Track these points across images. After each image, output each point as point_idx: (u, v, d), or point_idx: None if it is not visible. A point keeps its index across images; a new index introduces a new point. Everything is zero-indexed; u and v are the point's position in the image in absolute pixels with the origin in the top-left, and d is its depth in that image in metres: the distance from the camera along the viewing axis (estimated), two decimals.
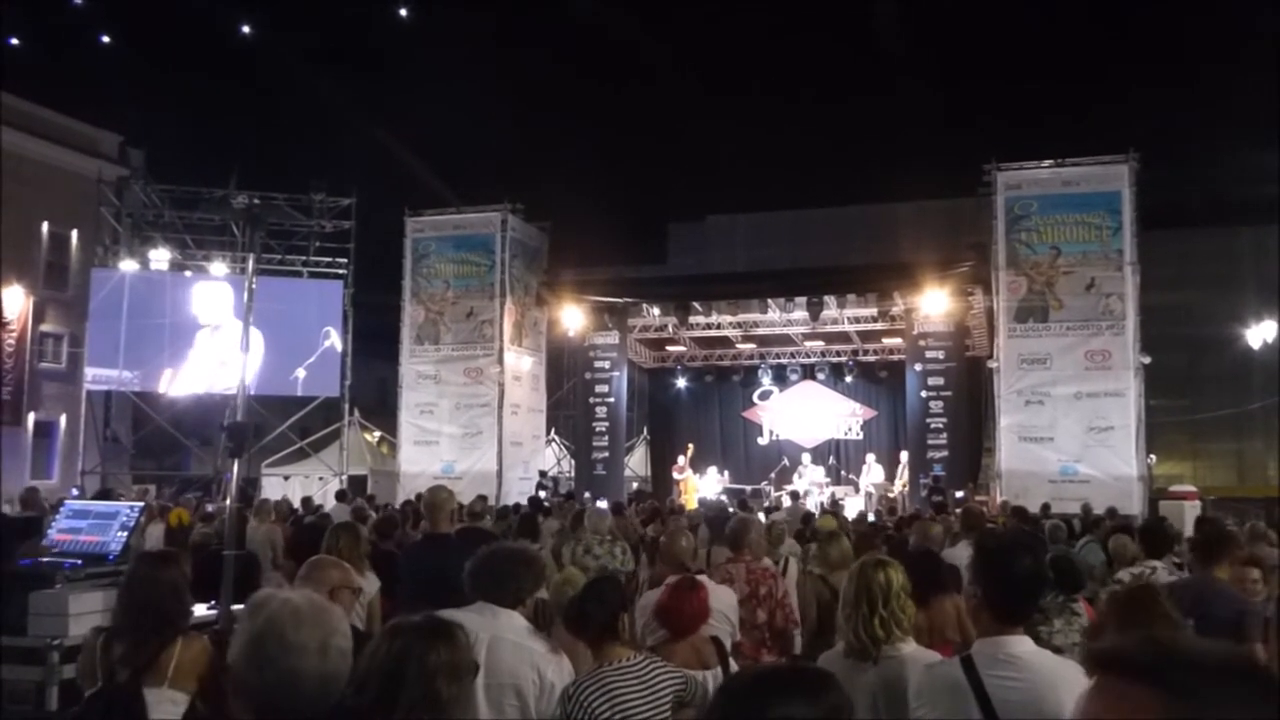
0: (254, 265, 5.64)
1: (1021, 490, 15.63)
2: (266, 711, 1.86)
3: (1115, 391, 16.40)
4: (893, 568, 3.62)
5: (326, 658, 1.86)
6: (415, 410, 20.30)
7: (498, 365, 19.94)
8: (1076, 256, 16.96)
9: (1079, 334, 16.73)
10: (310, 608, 1.91)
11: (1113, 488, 15.51)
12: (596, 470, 21.32)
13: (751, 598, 5.47)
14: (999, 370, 17.00)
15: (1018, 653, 2.80)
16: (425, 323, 20.51)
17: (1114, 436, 16.28)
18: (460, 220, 20.88)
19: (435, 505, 5.88)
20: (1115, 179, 17.01)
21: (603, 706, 3.25)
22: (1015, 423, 16.78)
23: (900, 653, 3.46)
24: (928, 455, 18.66)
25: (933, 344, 19.08)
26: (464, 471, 19.37)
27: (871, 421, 23.62)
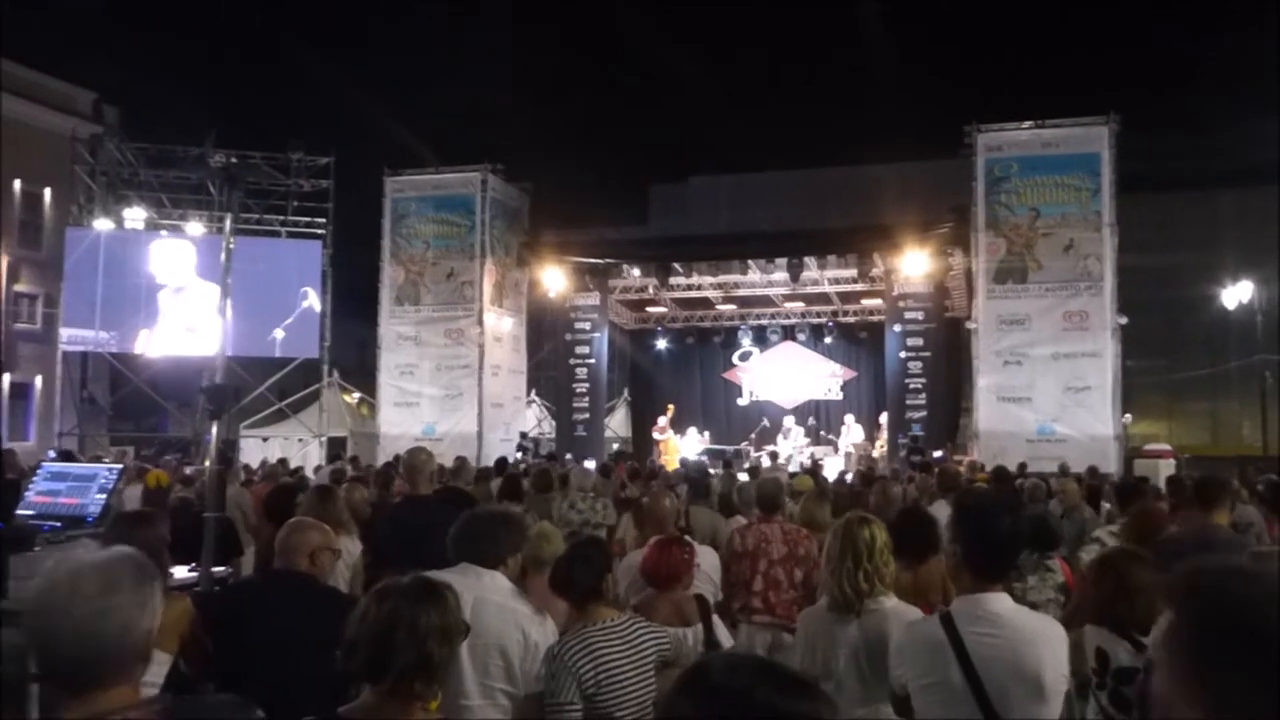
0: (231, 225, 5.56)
1: (999, 450, 15.76)
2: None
3: (1092, 352, 16.52)
4: (876, 525, 3.68)
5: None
6: (395, 371, 20.24)
7: (478, 326, 19.87)
8: (1056, 218, 17.00)
9: (1057, 295, 16.80)
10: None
11: (1089, 447, 15.66)
12: (577, 431, 21.35)
13: (789, 559, 5.50)
14: (978, 331, 17.09)
15: (997, 610, 2.84)
16: (405, 283, 20.40)
17: (1091, 396, 16.42)
18: (440, 180, 20.70)
19: (415, 467, 5.88)
20: (1095, 141, 17.02)
21: (587, 666, 3.27)
22: (993, 383, 16.89)
23: (882, 607, 3.52)
24: (906, 415, 18.77)
25: (912, 305, 19.13)
26: (445, 433, 19.35)
27: (851, 382, 23.71)
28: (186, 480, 10.40)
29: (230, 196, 5.87)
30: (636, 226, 20.92)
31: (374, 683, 2.31)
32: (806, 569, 5.47)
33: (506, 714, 3.40)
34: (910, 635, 3.05)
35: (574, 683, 3.25)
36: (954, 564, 2.97)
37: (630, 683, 3.35)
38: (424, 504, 5.63)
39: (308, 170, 21.74)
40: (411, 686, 2.29)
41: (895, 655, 3.04)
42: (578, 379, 21.63)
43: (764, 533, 5.61)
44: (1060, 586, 5.14)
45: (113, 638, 1.79)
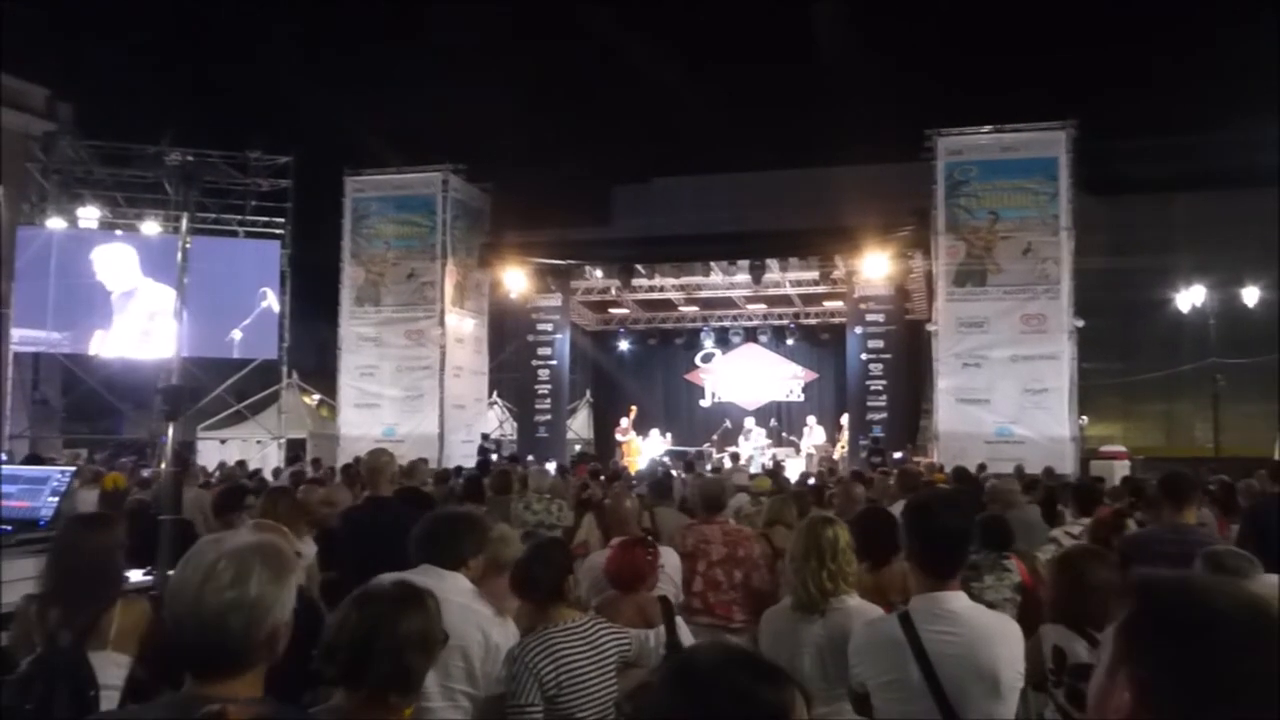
0: (187, 224, 5.49)
1: (959, 451, 15.91)
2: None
3: (1050, 354, 16.72)
4: (839, 525, 3.72)
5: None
6: (355, 373, 20.08)
7: (439, 327, 19.77)
8: (1014, 222, 17.20)
9: (1016, 298, 17.00)
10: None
11: (1046, 448, 15.86)
12: (539, 433, 21.31)
13: (729, 560, 5.52)
14: (937, 333, 17.25)
15: (954, 608, 2.87)
16: (365, 284, 20.24)
17: (1048, 398, 16.63)
18: (401, 180, 20.57)
19: (375, 469, 5.85)
20: (1053, 145, 17.24)
21: (548, 667, 3.28)
22: (953, 385, 17.06)
23: (845, 605, 3.56)
24: (867, 417, 18.94)
25: (873, 307, 19.30)
26: (406, 434, 19.21)
27: (813, 384, 23.88)
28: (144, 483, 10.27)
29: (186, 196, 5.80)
30: (599, 227, 20.90)
31: (350, 689, 2.29)
32: (746, 570, 5.50)
33: (467, 715, 3.39)
34: (869, 634, 3.08)
35: (535, 684, 3.25)
36: (910, 563, 3.01)
37: (591, 683, 3.36)
38: (384, 505, 5.60)
39: (266, 169, 21.53)
40: (386, 697, 2.28)
41: (854, 654, 3.07)
42: (540, 380, 21.60)
43: (704, 533, 5.63)
44: (1017, 586, 5.20)
45: (238, 629, 1.81)
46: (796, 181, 19.79)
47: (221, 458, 17.94)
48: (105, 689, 3.10)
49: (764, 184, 20.13)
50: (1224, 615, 1.20)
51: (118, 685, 3.14)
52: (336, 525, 5.83)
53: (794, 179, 19.98)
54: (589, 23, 27.55)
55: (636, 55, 26.38)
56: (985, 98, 23.21)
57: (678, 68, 27.21)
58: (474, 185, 21.27)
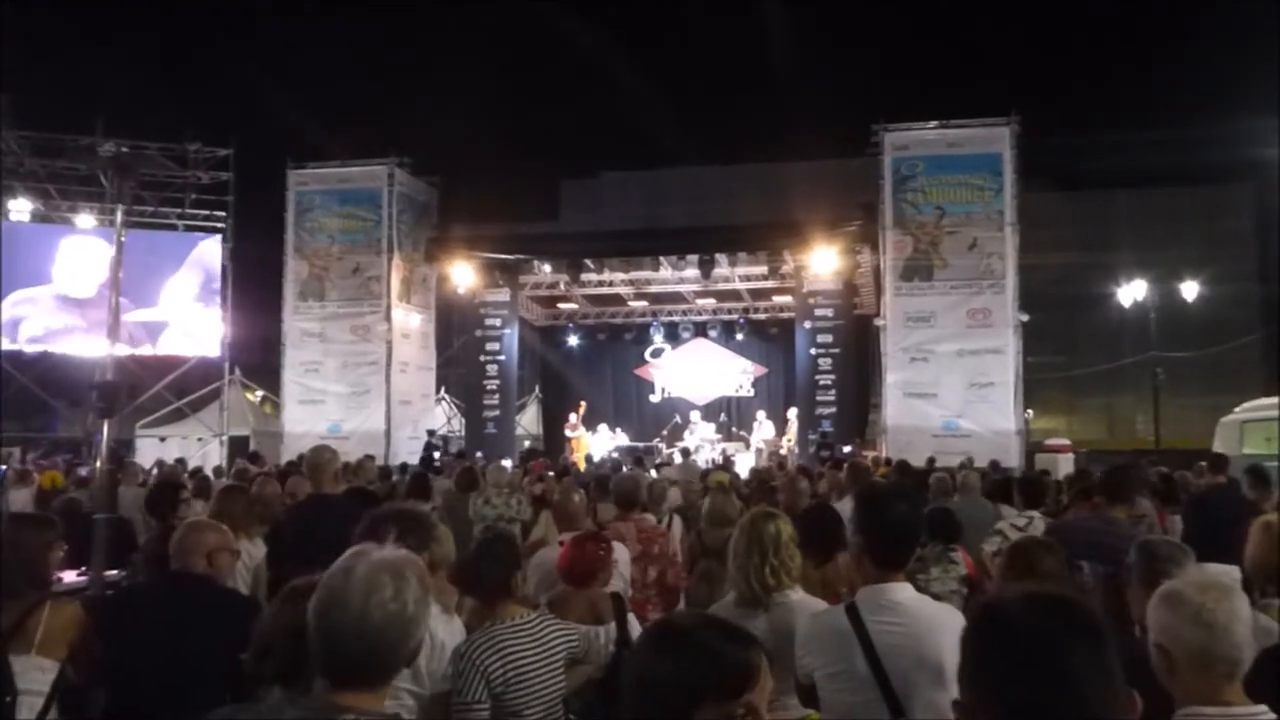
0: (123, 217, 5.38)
1: (906, 445, 16.11)
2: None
3: (995, 349, 16.98)
4: (781, 519, 3.73)
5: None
6: (300, 369, 19.85)
7: (385, 322, 19.62)
8: (960, 217, 17.44)
9: (962, 293, 17.24)
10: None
11: (992, 441, 16.12)
12: (487, 429, 21.21)
13: (644, 556, 5.53)
14: (885, 328, 17.44)
15: (899, 599, 2.90)
16: (309, 279, 20.02)
17: (994, 392, 16.89)
18: (345, 174, 20.36)
19: (318, 466, 5.77)
20: (997, 141, 17.50)
21: (495, 664, 3.26)
22: (900, 379, 17.26)
23: (789, 600, 3.57)
24: (816, 411, 19.08)
25: (822, 302, 19.44)
26: (351, 431, 19.05)
27: (762, 379, 24.01)
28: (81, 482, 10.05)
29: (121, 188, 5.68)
30: (547, 222, 20.82)
31: (288, 687, 2.27)
32: (661, 567, 5.53)
33: (412, 714, 3.36)
34: (815, 625, 3.10)
35: (482, 681, 3.23)
36: (857, 554, 3.03)
37: (539, 681, 3.35)
38: (328, 503, 5.53)
39: (206, 162, 21.11)
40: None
41: (801, 645, 3.09)
42: (488, 376, 21.48)
43: (619, 531, 5.64)
44: (963, 578, 5.29)
45: (395, 642, 1.87)
46: (746, 176, 19.88)
47: (161, 456, 17.61)
48: (25, 694, 3.01)
49: (713, 179, 20.20)
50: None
51: (41, 691, 3.06)
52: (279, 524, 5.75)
53: (743, 174, 20.07)
54: (538, 16, 27.46)
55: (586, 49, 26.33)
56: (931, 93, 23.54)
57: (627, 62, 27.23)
58: (420, 179, 21.12)
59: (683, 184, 20.22)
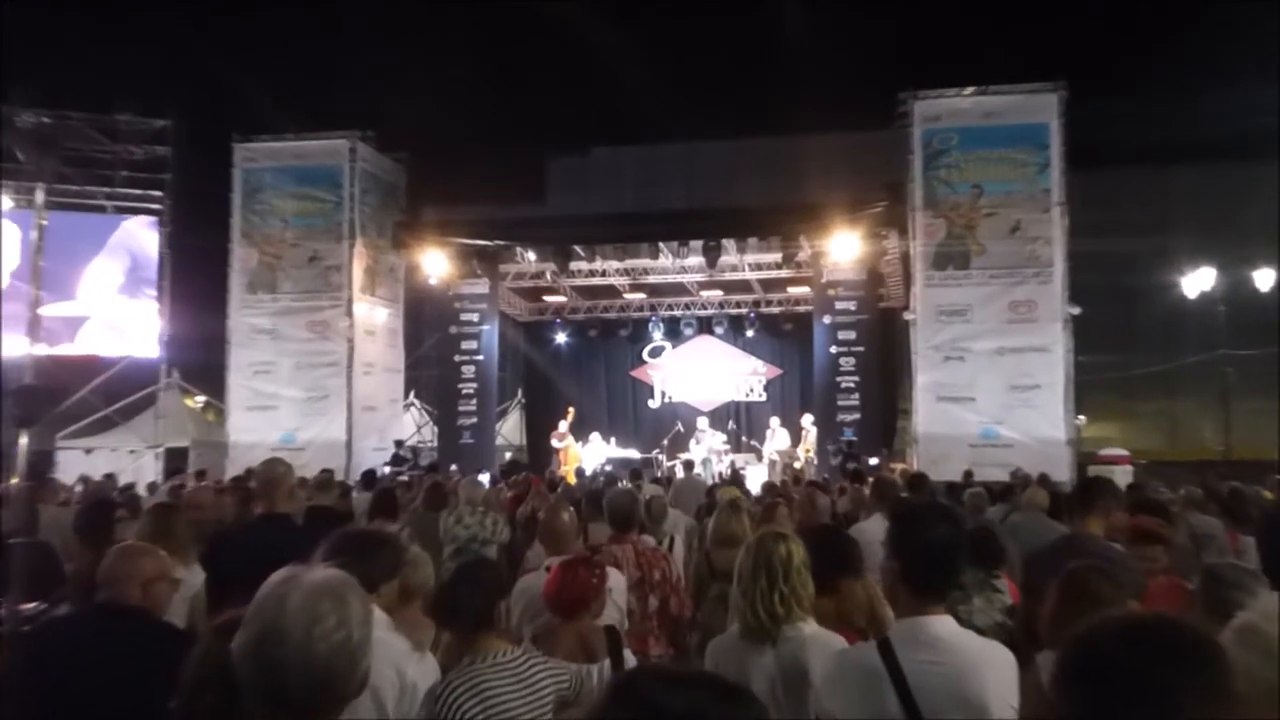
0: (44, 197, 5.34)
1: (940, 456, 16.09)
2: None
3: (1041, 346, 16.95)
4: (792, 541, 3.70)
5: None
6: (248, 370, 19.78)
7: (346, 318, 19.55)
8: (1000, 196, 17.42)
9: (1002, 282, 17.22)
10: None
11: (1038, 452, 16.05)
12: (463, 439, 21.20)
13: (643, 583, 5.50)
14: (915, 323, 17.42)
15: (940, 633, 2.87)
16: (259, 268, 19.96)
17: (1039, 396, 16.85)
18: (301, 149, 20.30)
19: (271, 481, 5.73)
20: (1042, 109, 17.47)
21: (474, 708, 3.23)
22: (932, 381, 17.23)
23: (801, 633, 3.53)
24: (837, 418, 19.09)
25: (843, 294, 19.45)
26: (308, 441, 19.01)
27: (776, 381, 24.03)
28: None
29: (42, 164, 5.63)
30: (531, 204, 20.74)
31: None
32: (663, 594, 5.51)
33: None
34: (842, 664, 3.06)
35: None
36: (891, 582, 2.99)
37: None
38: (281, 524, 5.50)
39: (140, 134, 21.10)
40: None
41: (825, 686, 3.06)
42: (464, 379, 21.47)
43: (614, 554, 5.61)
44: (1008, 609, 5.25)
45: (344, 672, 1.91)
46: (756, 152, 19.82)
47: (86, 471, 17.55)
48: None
49: (720, 154, 20.14)
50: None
51: None
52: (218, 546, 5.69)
53: (753, 149, 20.00)
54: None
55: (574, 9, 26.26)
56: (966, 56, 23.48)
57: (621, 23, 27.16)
58: (386, 155, 21.08)
59: (685, 161, 20.17)
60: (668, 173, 19.81)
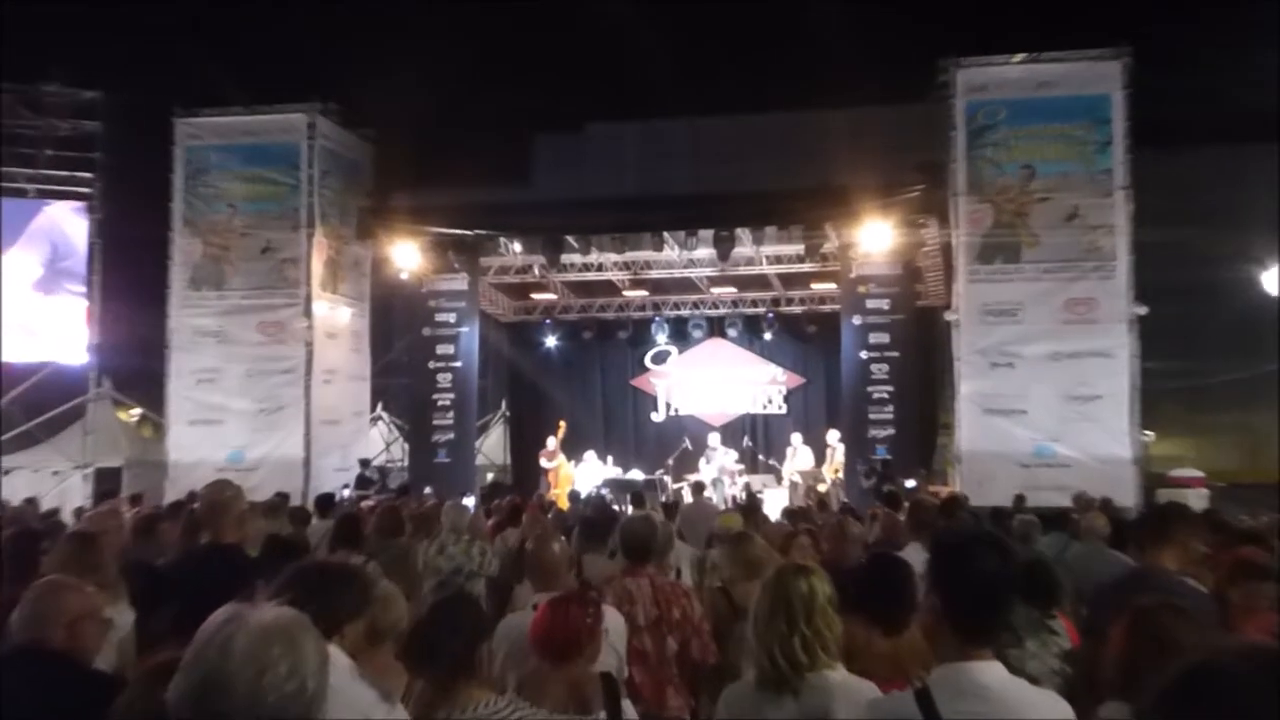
0: None
1: (985, 477, 16.08)
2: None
3: (1102, 351, 16.93)
4: (816, 576, 3.70)
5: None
6: (191, 379, 19.78)
7: (304, 318, 19.55)
8: (1055, 179, 17.41)
9: (1057, 278, 17.21)
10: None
11: (1098, 473, 16.03)
12: (438, 457, 21.18)
13: (661, 623, 5.48)
14: (958, 324, 17.41)
15: (986, 681, 2.86)
16: (204, 261, 19.97)
17: (1101, 408, 16.83)
18: (252, 124, 20.33)
19: (217, 506, 5.74)
20: (1103, 80, 17.47)
21: None
22: (978, 390, 17.22)
23: (827, 682, 3.53)
24: (869, 433, 19.05)
25: (875, 291, 19.42)
26: (260, 460, 19.01)
27: (798, 391, 24.03)
28: None
29: None
30: (517, 187, 20.75)
31: None
32: (683, 636, 5.49)
33: None
34: (875, 716, 3.06)
35: None
36: (931, 621, 2.99)
37: None
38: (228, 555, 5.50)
39: (67, 107, 21.15)
40: None
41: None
42: (439, 388, 21.45)
43: (628, 590, 5.60)
44: (1066, 654, 5.24)
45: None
46: (774, 128, 19.82)
47: (4, 495, 17.56)
48: None
49: (732, 131, 20.14)
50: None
51: None
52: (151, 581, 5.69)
53: (771, 124, 20.00)
54: None
55: None
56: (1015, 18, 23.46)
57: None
58: (350, 131, 21.10)
59: (693, 138, 20.17)
60: (673, 151, 19.80)
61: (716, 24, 27.37)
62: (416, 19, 26.42)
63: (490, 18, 27.54)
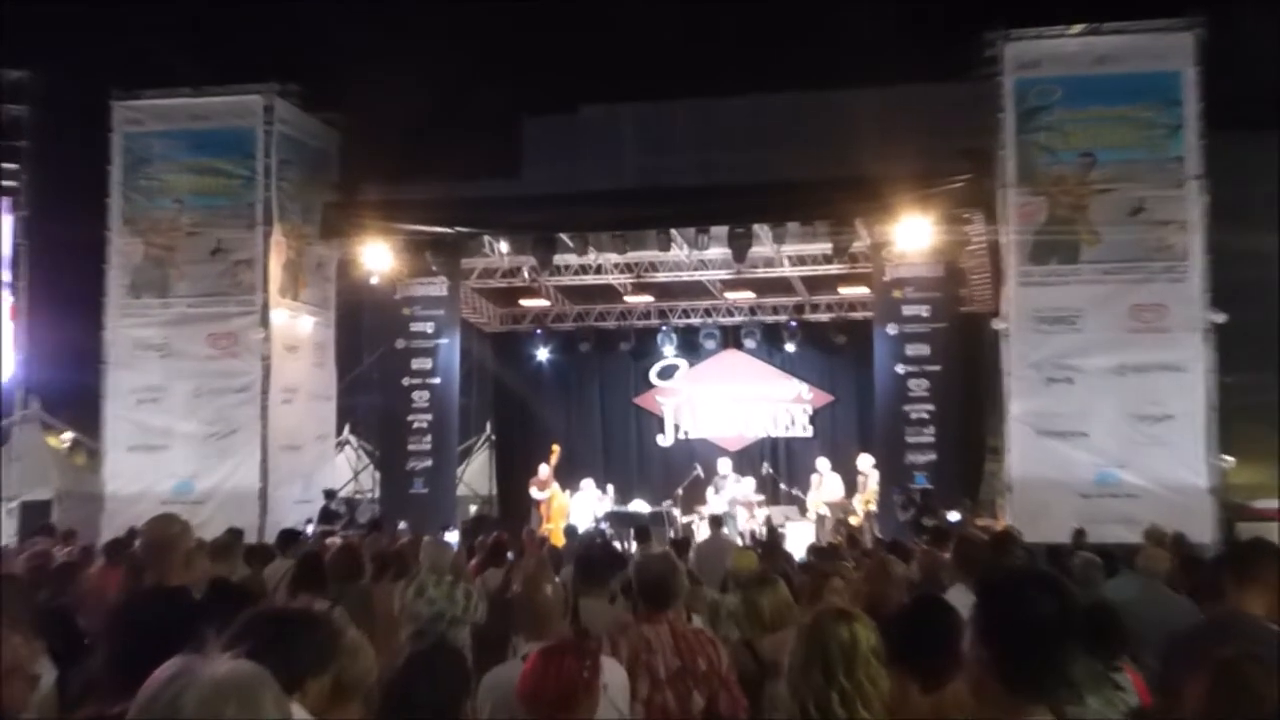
0: None
1: (1040, 509, 16.05)
2: None
3: (1173, 364, 16.91)
4: (859, 622, 3.70)
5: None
6: (130, 399, 19.80)
7: (260, 329, 19.57)
8: (1117, 167, 17.40)
9: (1121, 280, 17.20)
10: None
11: (1171, 504, 15.96)
12: (414, 487, 21.20)
13: (684, 675, 5.48)
14: (1008, 333, 17.41)
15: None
16: (146, 264, 20.00)
17: (1172, 429, 16.81)
18: (201, 107, 20.37)
19: (160, 545, 5.74)
20: (1173, 54, 17.46)
21: None
22: (1031, 410, 17.20)
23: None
24: (905, 459, 19.02)
25: (912, 295, 19.43)
26: (209, 491, 19.02)
27: (825, 410, 24.01)
28: None
29: None
30: (503, 178, 20.79)
31: None
32: (710, 690, 5.49)
33: None
34: None
35: None
36: (977, 674, 2.99)
37: None
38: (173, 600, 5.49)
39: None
40: None
41: None
42: (415, 408, 21.48)
43: (645, 639, 5.60)
44: (1134, 712, 5.23)
45: None
46: (795, 109, 19.86)
47: None
48: None
49: (747, 113, 20.17)
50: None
51: None
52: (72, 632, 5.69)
53: (792, 106, 20.03)
54: None
55: None
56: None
57: None
58: (314, 115, 21.16)
59: (700, 122, 20.20)
60: (681, 137, 19.85)
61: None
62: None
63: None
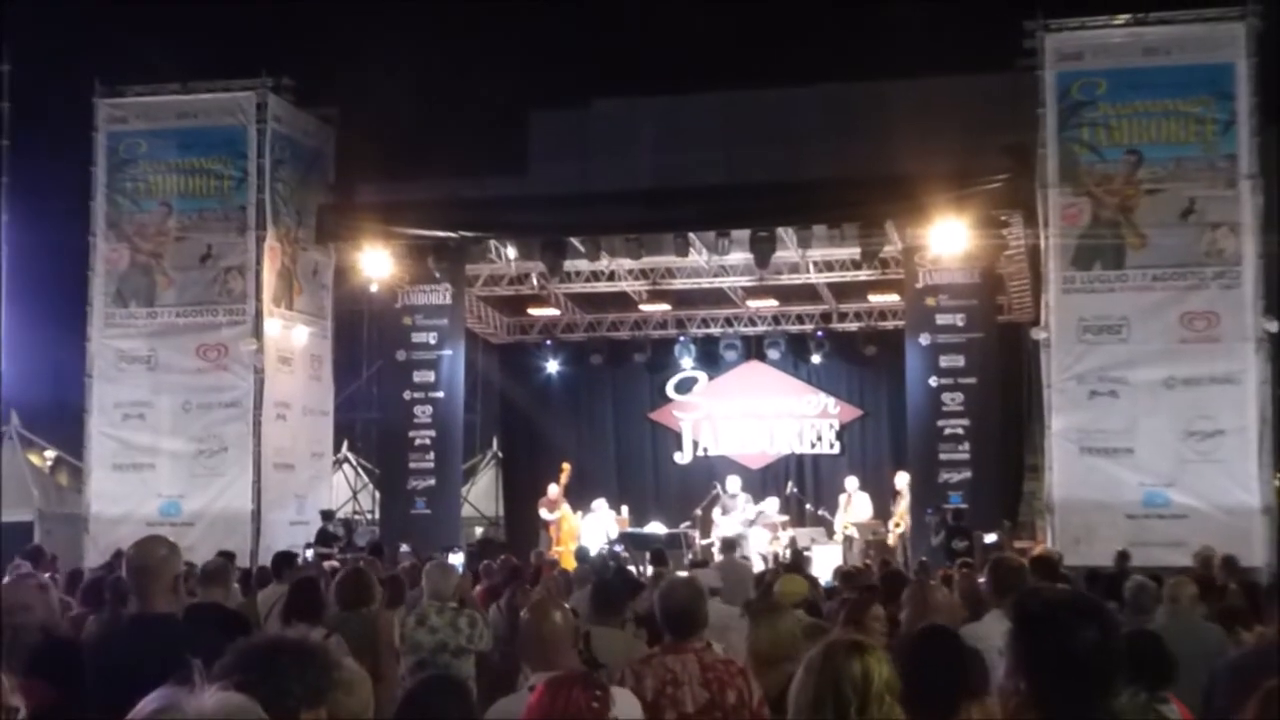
0: None
1: (1084, 531, 16.01)
2: None
3: (1226, 376, 16.85)
4: (873, 655, 3.68)
5: None
6: (115, 414, 19.84)
7: (253, 340, 19.59)
8: (1168, 166, 17.37)
9: (1171, 287, 17.15)
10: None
11: (1221, 525, 15.95)
12: (416, 507, 21.17)
13: (713, 709, 5.47)
14: (1049, 343, 17.38)
15: None
16: (131, 270, 20.04)
17: (1224, 446, 16.74)
18: (189, 104, 20.42)
19: (148, 570, 5.73)
20: (1226, 45, 17.41)
21: None
22: (1074, 425, 17.18)
23: None
24: (939, 477, 18.97)
25: (947, 303, 19.38)
26: (198, 513, 19.05)
27: (853, 425, 23.96)
28: None
29: None
30: (510, 177, 20.82)
31: None
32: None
33: None
34: None
35: None
36: (1015, 706, 2.99)
37: None
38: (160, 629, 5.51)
39: None
40: None
41: None
42: (417, 424, 21.47)
43: (670, 669, 5.59)
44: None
45: None
46: (822, 104, 19.85)
47: None
48: None
49: (771, 108, 20.18)
50: None
51: None
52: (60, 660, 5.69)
53: (818, 100, 20.02)
54: None
55: None
56: None
57: None
58: (309, 113, 21.19)
59: (720, 118, 20.20)
60: (698, 135, 19.84)
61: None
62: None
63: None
